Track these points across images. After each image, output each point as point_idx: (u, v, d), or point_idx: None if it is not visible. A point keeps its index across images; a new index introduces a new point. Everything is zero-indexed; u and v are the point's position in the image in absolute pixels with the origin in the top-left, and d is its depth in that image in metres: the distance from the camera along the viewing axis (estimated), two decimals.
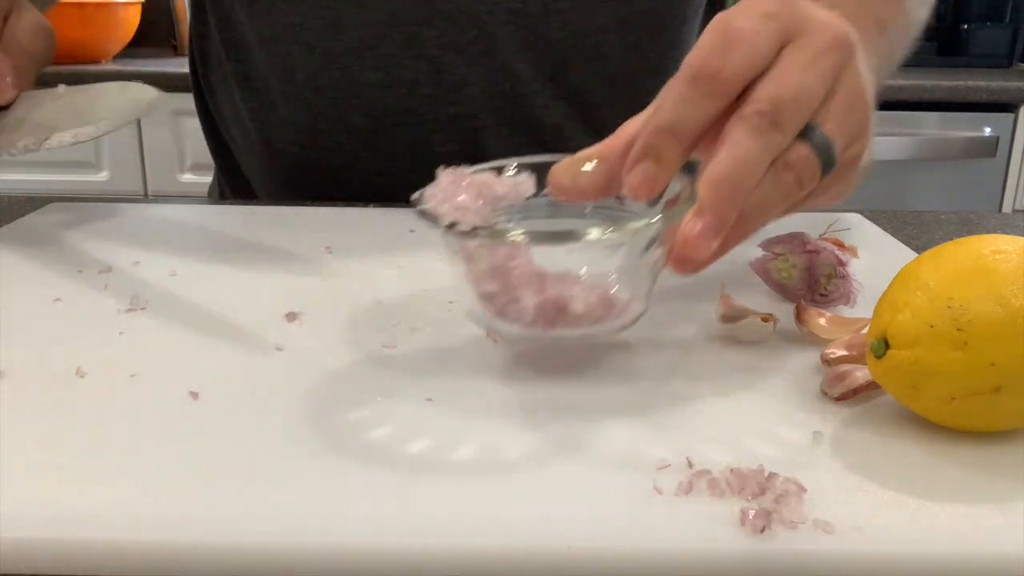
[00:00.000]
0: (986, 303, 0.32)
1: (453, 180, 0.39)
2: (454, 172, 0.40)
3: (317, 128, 0.73)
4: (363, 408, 0.37)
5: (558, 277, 0.38)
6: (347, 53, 0.70)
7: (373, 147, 0.73)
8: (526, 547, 0.29)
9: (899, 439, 0.35)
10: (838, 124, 0.37)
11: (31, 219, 0.65)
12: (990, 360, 0.32)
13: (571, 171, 0.39)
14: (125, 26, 1.98)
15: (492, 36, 0.69)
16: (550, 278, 0.38)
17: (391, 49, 0.70)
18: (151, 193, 1.91)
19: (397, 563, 0.29)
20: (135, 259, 0.55)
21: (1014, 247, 0.34)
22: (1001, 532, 0.29)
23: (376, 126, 0.72)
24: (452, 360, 0.42)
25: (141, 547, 0.29)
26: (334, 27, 0.70)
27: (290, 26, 0.71)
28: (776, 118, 0.35)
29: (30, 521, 0.29)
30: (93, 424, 0.36)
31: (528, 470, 0.33)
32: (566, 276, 0.38)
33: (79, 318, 0.47)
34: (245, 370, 0.41)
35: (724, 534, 0.29)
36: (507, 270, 0.38)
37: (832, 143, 0.37)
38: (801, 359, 0.42)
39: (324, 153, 0.74)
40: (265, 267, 0.55)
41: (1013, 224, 0.77)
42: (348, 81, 0.71)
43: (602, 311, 0.38)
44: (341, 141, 0.73)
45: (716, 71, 0.36)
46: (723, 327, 0.44)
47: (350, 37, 0.70)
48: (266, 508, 0.30)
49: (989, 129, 1.86)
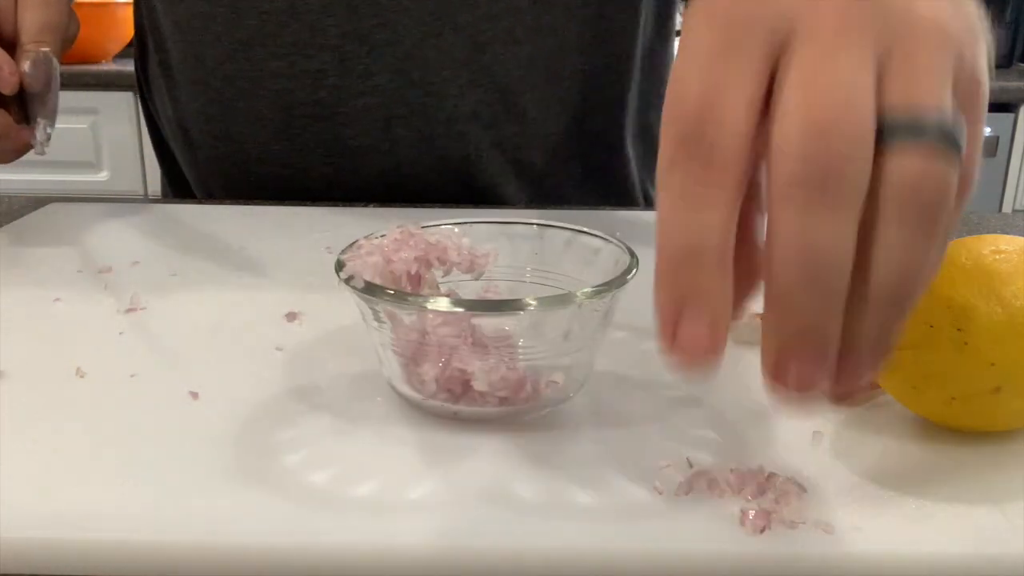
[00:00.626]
0: (987, 303, 0.32)
1: (400, 235, 0.38)
2: (404, 228, 0.38)
3: (228, 119, 0.73)
4: (363, 408, 0.37)
5: (480, 348, 0.35)
6: (251, 43, 0.69)
7: (284, 139, 0.72)
8: (528, 546, 0.29)
9: (899, 439, 0.35)
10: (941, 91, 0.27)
11: (31, 219, 0.65)
12: (990, 360, 0.32)
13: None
14: (125, 26, 1.98)
15: (393, 23, 0.68)
16: (463, 350, 0.34)
17: (293, 38, 0.68)
18: (151, 193, 1.91)
19: (403, 561, 0.29)
20: (135, 259, 0.55)
21: (1014, 247, 0.34)
22: (1001, 532, 0.29)
23: (286, 118, 0.71)
24: None
25: (141, 547, 0.29)
26: (236, 15, 0.69)
27: (197, 14, 0.70)
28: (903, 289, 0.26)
29: (30, 521, 0.29)
30: (93, 424, 0.36)
31: (529, 469, 0.33)
32: (500, 345, 0.35)
33: (79, 318, 0.47)
34: (245, 370, 0.41)
35: (724, 534, 0.29)
36: (416, 334, 0.35)
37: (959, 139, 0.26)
38: None
39: (237, 146, 0.73)
40: (265, 267, 0.55)
41: (1013, 224, 0.77)
42: (255, 71, 0.70)
43: (508, 391, 0.35)
44: (253, 133, 0.72)
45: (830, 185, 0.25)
46: None
47: (252, 26, 0.69)
48: (266, 508, 0.30)
49: (989, 129, 1.86)
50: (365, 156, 0.71)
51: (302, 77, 0.69)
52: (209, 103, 0.73)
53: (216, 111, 0.73)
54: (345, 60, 0.68)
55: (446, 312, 0.33)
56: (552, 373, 0.36)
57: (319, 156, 0.72)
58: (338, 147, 0.71)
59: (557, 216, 0.55)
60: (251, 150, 0.73)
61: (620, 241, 0.38)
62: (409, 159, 0.72)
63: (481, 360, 0.34)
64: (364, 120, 0.70)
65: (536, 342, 0.36)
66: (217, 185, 0.77)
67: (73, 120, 1.86)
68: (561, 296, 0.34)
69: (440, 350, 0.34)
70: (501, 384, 0.35)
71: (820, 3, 0.27)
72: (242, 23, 0.69)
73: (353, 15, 0.67)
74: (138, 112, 1.84)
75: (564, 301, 0.34)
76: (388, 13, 0.67)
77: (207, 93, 0.72)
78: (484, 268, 0.38)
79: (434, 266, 0.38)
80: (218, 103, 0.72)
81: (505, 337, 0.35)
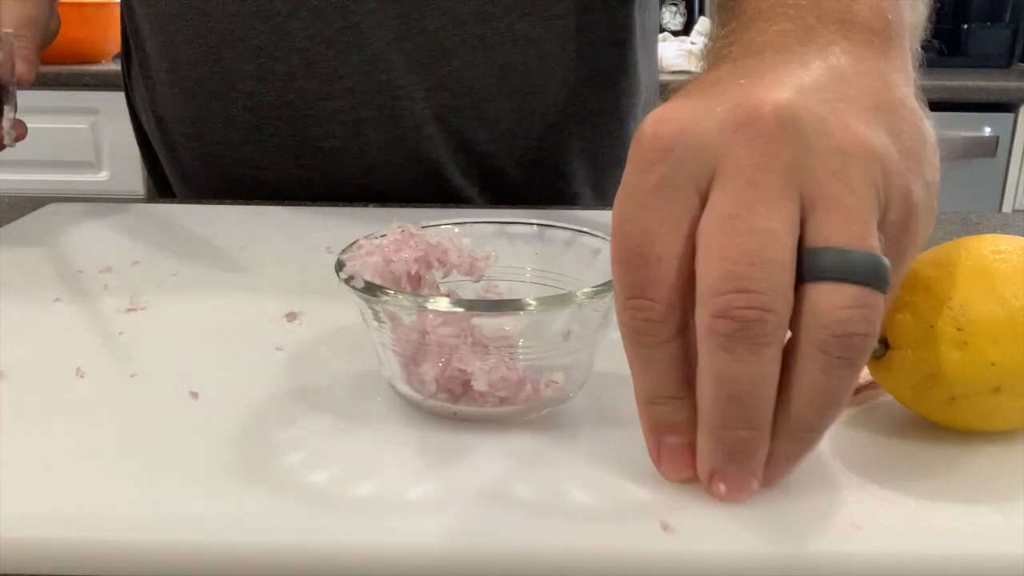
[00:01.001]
0: (986, 303, 0.32)
1: (401, 235, 0.38)
2: (405, 229, 0.38)
3: (202, 120, 0.73)
4: (363, 408, 0.37)
5: (480, 347, 0.34)
6: (221, 44, 0.69)
7: (256, 141, 0.72)
8: (528, 546, 0.29)
9: (899, 439, 0.35)
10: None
11: (31, 219, 0.65)
12: (990, 360, 0.32)
13: None
14: None
15: (359, 26, 0.67)
16: (463, 350, 0.34)
17: (260, 41, 0.68)
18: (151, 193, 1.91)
19: (403, 561, 0.29)
20: (135, 259, 0.55)
21: (1014, 247, 0.34)
22: (1001, 532, 0.29)
23: (256, 120, 0.71)
24: None
25: (141, 547, 0.29)
26: (206, 17, 0.69)
27: (170, 15, 0.70)
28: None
29: (30, 521, 0.29)
30: (93, 424, 0.36)
31: (530, 469, 0.33)
32: (500, 344, 0.35)
33: (79, 318, 0.47)
34: (245, 370, 0.41)
35: (724, 534, 0.29)
36: (416, 334, 0.35)
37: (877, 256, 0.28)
38: None
39: (211, 147, 0.74)
40: (265, 267, 0.55)
41: (1013, 224, 0.77)
42: (225, 73, 0.70)
43: (508, 391, 0.35)
44: (226, 135, 0.73)
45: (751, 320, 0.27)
46: None
47: (221, 27, 0.69)
48: (266, 508, 0.30)
49: (989, 129, 1.86)
50: (336, 158, 0.71)
51: (271, 79, 0.69)
52: (185, 104, 0.73)
53: (191, 112, 0.73)
54: (312, 63, 0.68)
55: (446, 312, 0.33)
56: (552, 373, 0.36)
57: (290, 158, 0.72)
58: (308, 149, 0.71)
59: (558, 216, 0.55)
60: (224, 152, 0.73)
61: None
62: (379, 162, 0.71)
63: (481, 360, 0.34)
64: (333, 123, 0.70)
65: (536, 342, 0.36)
66: (194, 185, 0.77)
67: (73, 120, 1.86)
68: (561, 296, 0.34)
69: (440, 350, 0.34)
70: (501, 384, 0.34)
71: (740, 142, 0.28)
72: (212, 25, 0.69)
73: (319, 18, 0.67)
74: None
75: (564, 301, 0.34)
76: (354, 16, 0.67)
77: (182, 94, 0.73)
78: (484, 271, 0.38)
79: (434, 267, 0.38)
80: (193, 104, 0.72)
81: (505, 337, 0.35)
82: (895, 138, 0.29)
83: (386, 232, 0.38)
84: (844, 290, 0.27)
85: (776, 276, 0.27)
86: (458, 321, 0.34)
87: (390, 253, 0.37)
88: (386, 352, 0.36)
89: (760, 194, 0.27)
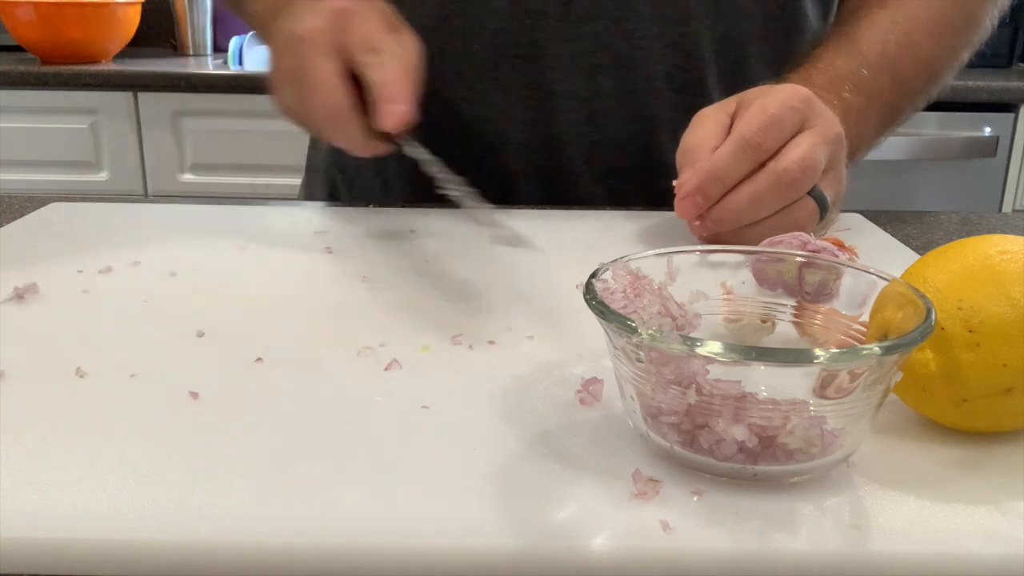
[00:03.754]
0: (997, 304, 0.32)
1: (632, 282, 0.36)
2: (626, 269, 0.36)
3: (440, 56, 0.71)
4: (363, 408, 0.37)
5: (750, 401, 0.30)
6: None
7: (491, 79, 0.73)
8: (529, 546, 0.29)
9: (899, 439, 0.35)
10: (833, 189, 0.57)
11: (31, 219, 0.65)
12: (1002, 361, 0.32)
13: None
14: (125, 26, 1.98)
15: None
16: (747, 402, 0.30)
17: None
18: (151, 193, 1.91)
19: (403, 561, 0.29)
20: (135, 259, 0.55)
21: (1019, 247, 0.34)
22: (1001, 532, 0.29)
23: (496, 57, 0.72)
24: (448, 365, 0.42)
25: (141, 547, 0.29)
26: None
27: None
28: (795, 179, 0.54)
29: (30, 521, 0.29)
30: (93, 424, 0.36)
31: (530, 469, 0.33)
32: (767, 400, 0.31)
33: (79, 318, 0.47)
34: (245, 370, 0.41)
35: (724, 533, 0.29)
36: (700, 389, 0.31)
37: (827, 197, 0.56)
38: None
39: (442, 84, 0.72)
40: (265, 267, 0.55)
41: (1013, 224, 0.77)
42: (474, 8, 0.72)
43: (820, 446, 0.31)
44: (460, 71, 0.73)
45: (760, 143, 0.54)
46: (722, 327, 0.44)
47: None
48: (266, 508, 0.30)
49: (989, 129, 1.86)
50: (564, 102, 0.73)
51: (520, 17, 0.71)
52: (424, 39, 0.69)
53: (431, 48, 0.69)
54: (568, 2, 0.70)
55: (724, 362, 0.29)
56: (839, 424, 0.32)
57: (517, 100, 0.73)
58: (540, 91, 0.73)
59: None
60: (456, 88, 0.74)
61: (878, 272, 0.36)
62: (604, 110, 0.73)
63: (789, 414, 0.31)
64: (571, 66, 0.72)
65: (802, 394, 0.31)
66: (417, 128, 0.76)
67: (73, 120, 1.86)
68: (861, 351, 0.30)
69: (735, 402, 0.30)
70: (817, 437, 0.31)
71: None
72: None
73: None
74: (138, 112, 1.84)
75: (865, 356, 0.30)
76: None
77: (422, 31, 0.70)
78: (695, 327, 0.38)
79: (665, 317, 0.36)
80: (433, 40, 0.70)
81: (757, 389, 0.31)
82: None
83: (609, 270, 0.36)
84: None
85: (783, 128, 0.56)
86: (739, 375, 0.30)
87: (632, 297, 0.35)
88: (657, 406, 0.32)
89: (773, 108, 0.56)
